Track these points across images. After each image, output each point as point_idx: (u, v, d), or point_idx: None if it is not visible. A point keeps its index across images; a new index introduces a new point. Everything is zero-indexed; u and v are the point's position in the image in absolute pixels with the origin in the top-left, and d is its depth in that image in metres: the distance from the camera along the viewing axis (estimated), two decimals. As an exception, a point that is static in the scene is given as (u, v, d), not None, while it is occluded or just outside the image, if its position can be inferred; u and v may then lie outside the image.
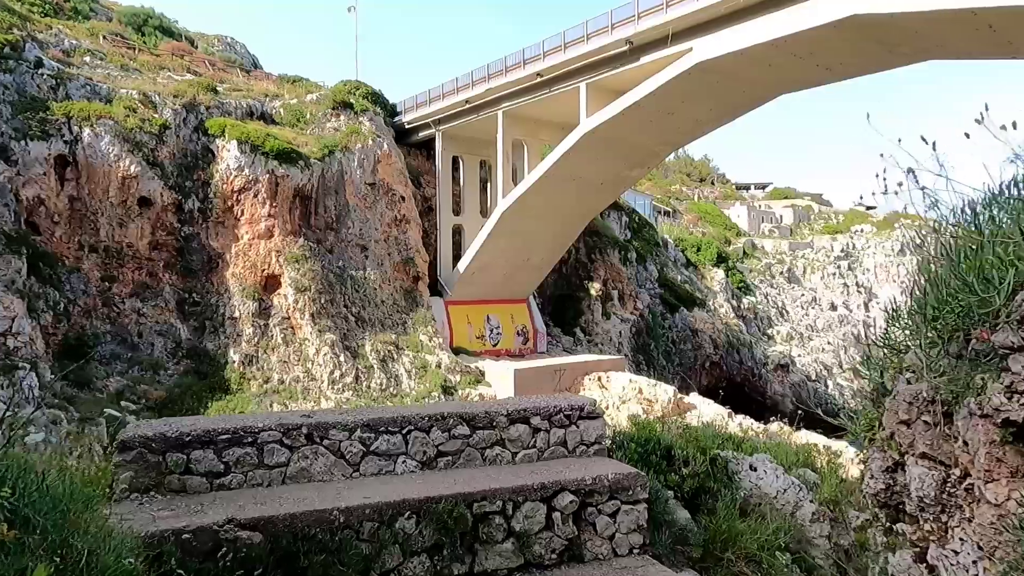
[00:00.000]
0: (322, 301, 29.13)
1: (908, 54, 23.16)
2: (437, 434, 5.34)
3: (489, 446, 5.41)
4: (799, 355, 54.83)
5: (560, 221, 34.78)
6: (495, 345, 35.93)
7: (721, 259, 58.18)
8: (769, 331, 56.75)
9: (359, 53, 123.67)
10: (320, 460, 5.11)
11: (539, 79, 30.01)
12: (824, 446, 6.11)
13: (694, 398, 32.91)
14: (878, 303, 79.78)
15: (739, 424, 22.20)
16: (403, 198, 33.89)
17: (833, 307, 71.20)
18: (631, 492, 4.91)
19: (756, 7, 22.22)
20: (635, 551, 4.80)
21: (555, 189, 32.03)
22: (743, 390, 46.25)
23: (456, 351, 32.71)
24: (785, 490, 5.10)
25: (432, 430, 5.34)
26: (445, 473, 5.23)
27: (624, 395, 30.82)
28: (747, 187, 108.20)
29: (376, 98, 37.30)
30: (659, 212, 69.63)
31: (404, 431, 5.31)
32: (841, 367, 57.94)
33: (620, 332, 39.92)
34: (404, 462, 5.32)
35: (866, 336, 3.18)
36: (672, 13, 24.39)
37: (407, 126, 37.46)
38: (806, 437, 19.03)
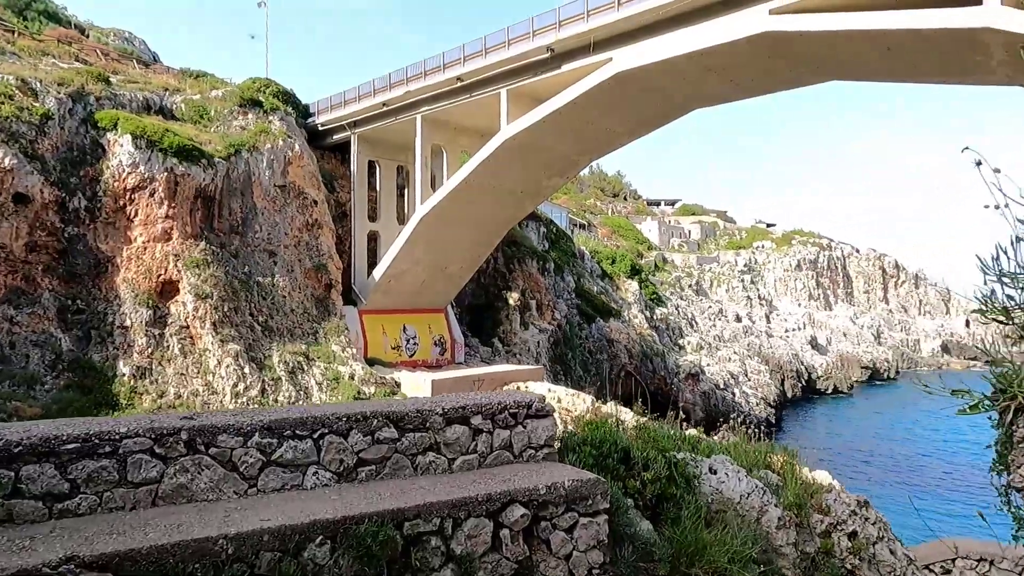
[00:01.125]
0: (225, 309, 27.19)
1: (813, 74, 24.24)
2: (358, 438, 4.50)
3: (422, 452, 4.63)
4: (708, 364, 56.58)
5: (479, 229, 34.28)
6: (411, 356, 34.85)
7: (635, 271, 59.41)
8: (680, 341, 58.34)
9: (270, 53, 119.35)
10: (205, 474, 4.14)
11: (459, 84, 29.49)
12: (778, 445, 5.75)
13: (611, 407, 33.09)
14: (778, 315, 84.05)
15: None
16: (316, 202, 32.38)
17: (738, 318, 74.29)
18: (590, 502, 4.27)
19: (675, 19, 22.62)
20: (595, 572, 4.18)
21: (474, 197, 31.52)
22: (656, 399, 47.11)
23: (371, 362, 31.42)
24: (749, 494, 4.68)
25: (351, 433, 4.50)
26: (368, 486, 4.41)
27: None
28: (658, 203, 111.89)
29: (287, 97, 35.64)
30: (575, 225, 70.56)
31: (316, 435, 4.44)
32: (747, 375, 60.26)
33: (538, 342, 39.72)
34: (316, 474, 4.46)
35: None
36: (593, 22, 24.50)
37: (321, 128, 35.98)
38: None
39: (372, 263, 34.94)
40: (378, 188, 36.54)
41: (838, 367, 79.51)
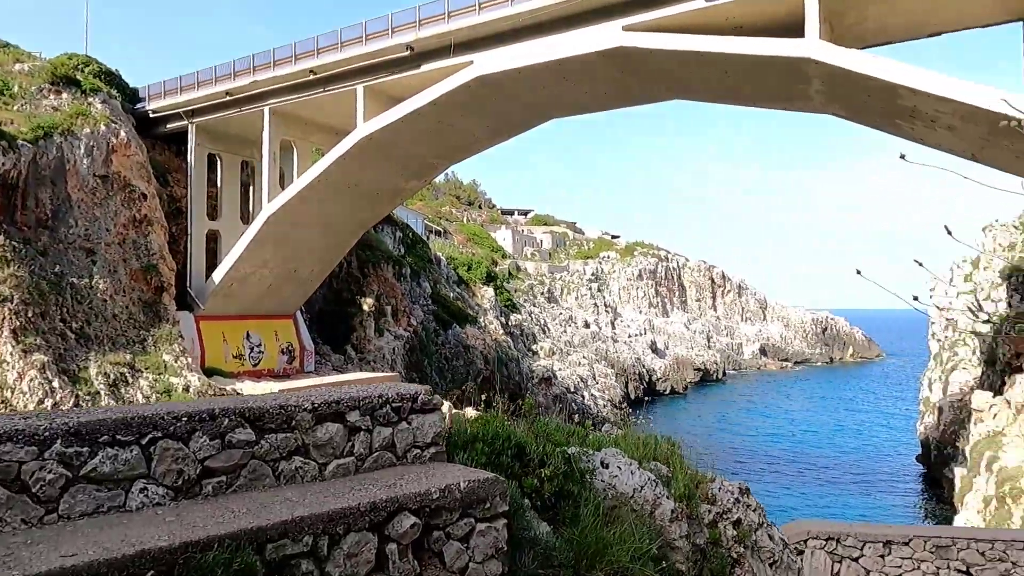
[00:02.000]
0: (29, 314, 23.55)
1: (663, 91, 25.69)
2: (202, 442, 3.65)
3: (286, 456, 3.87)
4: (560, 369, 58.34)
5: (332, 231, 32.71)
6: (256, 365, 32.40)
7: (490, 278, 59.99)
8: (534, 347, 59.65)
9: (91, 29, 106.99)
10: (-22, 499, 3.09)
11: (312, 77, 27.97)
12: (662, 436, 5.67)
13: (469, 412, 32.90)
14: (622, 321, 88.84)
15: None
16: (145, 196, 29.13)
17: (587, 325, 77.54)
18: (488, 505, 3.78)
19: (534, 28, 22.94)
20: (494, 585, 3.64)
21: (327, 196, 30.03)
22: (512, 403, 47.65)
23: (209, 372, 28.75)
24: (642, 487, 4.46)
25: (194, 437, 3.65)
26: (217, 502, 3.60)
27: (399, 413, 29.63)
28: (511, 212, 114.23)
29: (112, 79, 31.89)
30: (431, 231, 70.00)
31: (145, 440, 3.55)
32: (595, 378, 62.89)
33: (394, 349, 38.63)
34: (144, 490, 3.55)
35: None
36: (454, 24, 24.25)
37: (153, 115, 32.57)
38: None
39: (212, 265, 32.11)
40: (219, 184, 33.70)
41: (674, 369, 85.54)
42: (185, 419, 3.64)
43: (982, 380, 35.54)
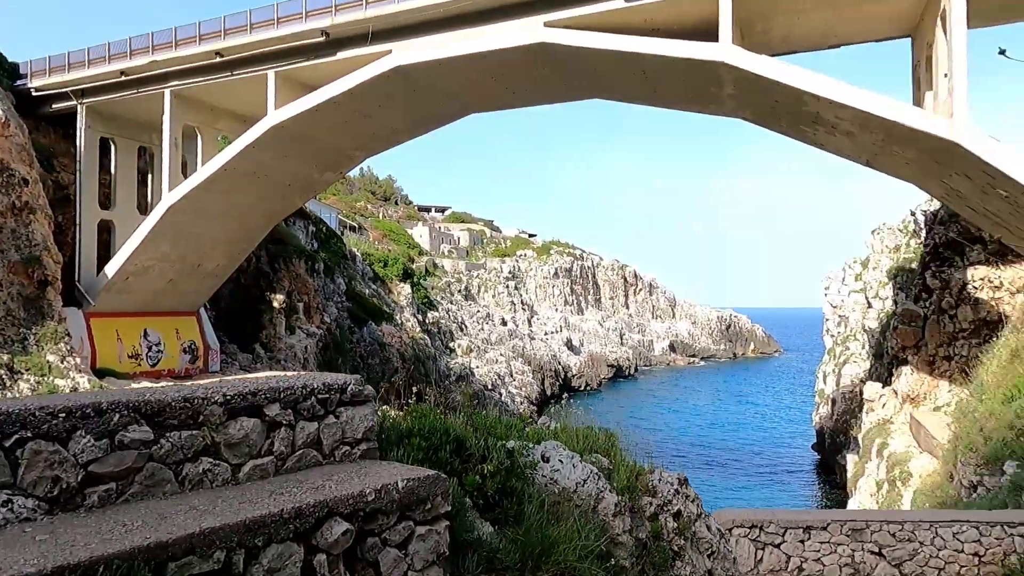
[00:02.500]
0: None
1: (582, 90, 25.89)
2: (85, 443, 3.05)
3: (192, 457, 3.33)
4: (477, 366, 58.16)
5: (240, 223, 31.05)
6: (154, 365, 30.33)
7: (407, 275, 59.00)
8: (451, 344, 59.16)
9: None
10: None
11: (219, 59, 26.39)
12: (600, 428, 5.48)
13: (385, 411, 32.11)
14: (538, 319, 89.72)
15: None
16: (26, 181, 26.57)
17: (504, 322, 77.76)
18: (429, 506, 3.40)
19: (455, 19, 22.55)
20: (435, 595, 3.25)
21: (235, 187, 28.46)
22: (429, 401, 47.02)
23: (101, 373, 26.62)
24: (584, 481, 4.24)
25: (75, 436, 3.06)
26: (105, 515, 3.04)
27: (312, 414, 28.53)
28: (428, 209, 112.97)
29: (-13, 51, 28.95)
30: (345, 226, 68.08)
31: (8, 441, 2.94)
32: (512, 376, 63.12)
33: (306, 347, 37.20)
34: (9, 503, 2.94)
35: None
36: (371, 11, 23.48)
37: (36, 93, 29.83)
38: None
39: (105, 258, 29.75)
40: (113, 170, 31.28)
41: (589, 366, 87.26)
42: (63, 415, 3.02)
43: (871, 372, 38.11)
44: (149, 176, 32.52)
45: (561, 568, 3.42)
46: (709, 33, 19.83)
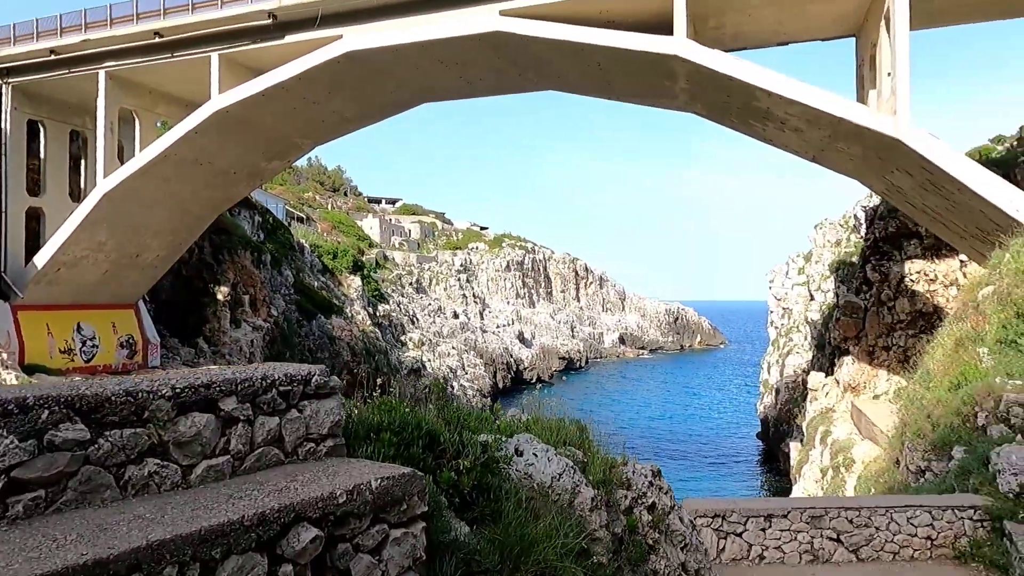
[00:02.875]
0: None
1: (537, 81, 25.71)
2: (7, 444, 2.64)
3: (136, 458, 2.94)
4: (429, 360, 57.65)
5: (181, 212, 29.79)
6: (89, 360, 28.88)
7: (357, 267, 57.92)
8: (403, 338, 58.45)
9: None
10: None
11: (158, 40, 25.16)
12: (571, 419, 5.29)
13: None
14: (490, 312, 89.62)
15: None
16: (-55, 165, 24.88)
17: (455, 315, 77.32)
18: (405, 507, 3.11)
19: (409, 5, 22.07)
20: (413, 606, 2.90)
21: (175, 174, 27.26)
22: (381, 396, 46.29)
23: (30, 370, 25.19)
24: (560, 475, 4.04)
25: None
26: (31, 528, 2.62)
27: (259, 409, 27.68)
28: (378, 201, 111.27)
29: (-100, 24, 26.88)
30: (292, 217, 66.36)
31: None
32: (464, 369, 62.82)
33: (252, 341, 36.06)
34: None
35: None
36: (322, -7, 22.76)
37: (-46, 71, 27.87)
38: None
39: (34, 247, 28.10)
40: (43, 155, 29.55)
41: (541, 359, 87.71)
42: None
43: (813, 363, 39.36)
44: (82, 162, 30.87)
45: (541, 568, 3.23)
46: (664, 27, 19.94)
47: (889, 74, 18.79)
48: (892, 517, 6.98)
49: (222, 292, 36.12)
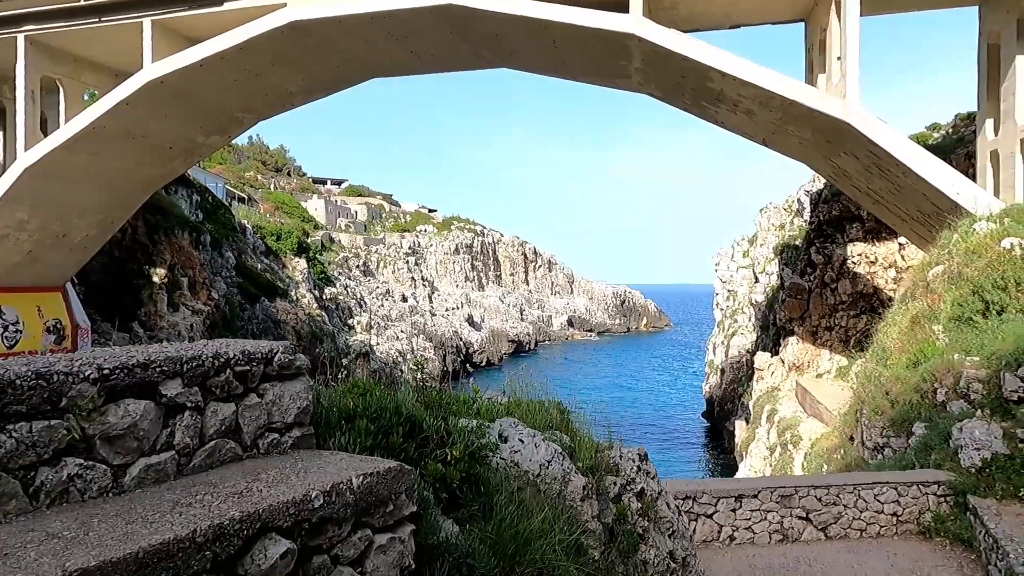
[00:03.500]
0: None
1: (489, 58, 25.11)
2: None
3: (50, 459, 2.31)
4: (377, 344, 56.69)
5: (112, 190, 28.05)
6: (11, 347, 27.03)
7: (302, 249, 56.28)
8: (350, 321, 57.25)
9: None
10: None
11: (84, 2, 23.40)
12: (548, 401, 4.91)
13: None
14: (439, 295, 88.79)
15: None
16: None
17: (404, 299, 76.23)
18: (391, 507, 2.59)
19: (357, -27, 21.07)
20: (398, 623, 2.32)
21: (106, 148, 25.56)
22: (327, 381, 45.21)
23: (-56, 357, 23.37)
24: (549, 462, 3.63)
25: None
26: None
27: (200, 396, 26.48)
28: (323, 181, 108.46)
29: None
30: (233, 197, 63.91)
31: None
32: (413, 353, 62.06)
33: (191, 325, 34.55)
34: None
35: None
36: (264, -42, 21.55)
37: None
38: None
39: (-54, 225, 26.00)
40: (-45, 126, 27.31)
41: (490, 342, 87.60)
42: None
43: (758, 343, 40.33)
44: (1, 134, 28.66)
45: (538, 568, 2.87)
46: (620, 5, 19.67)
47: (839, 58, 19.05)
48: (859, 494, 6.94)
49: (158, 274, 34.41)
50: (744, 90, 19.74)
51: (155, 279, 34.12)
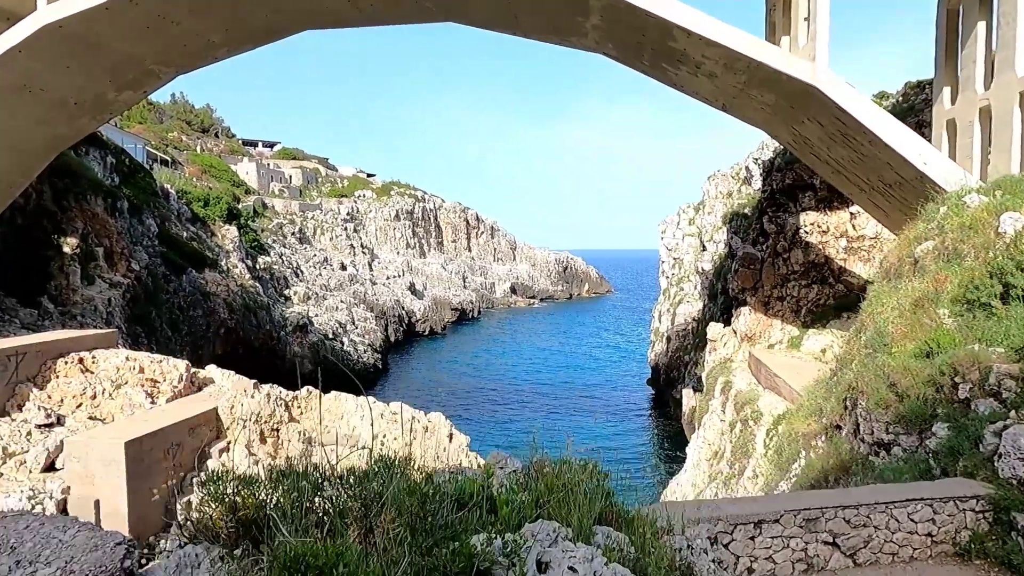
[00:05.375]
0: None
1: (434, 11, 23.17)
2: None
3: None
4: (316, 315, 54.34)
5: (9, 150, 25.00)
6: None
7: (232, 216, 52.93)
8: (287, 292, 54.58)
9: None
10: None
11: (-39, -70, 20.19)
12: (581, 462, 3.35)
13: (212, 371, 28.22)
14: (379, 263, 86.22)
15: (268, 395, 18.88)
16: None
17: (343, 267, 73.48)
18: None
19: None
20: None
21: (-1, 102, 22.57)
22: (261, 355, 42.92)
23: None
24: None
25: None
26: None
27: (119, 377, 24.10)
28: (254, 144, 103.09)
29: None
30: (155, 159, 59.44)
31: None
32: (354, 323, 59.95)
33: (109, 299, 31.72)
34: None
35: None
36: None
37: None
38: (337, 398, 17.06)
39: None
40: None
41: (433, 310, 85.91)
42: None
43: (705, 312, 40.28)
44: None
45: None
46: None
47: (806, 19, 18.19)
48: (892, 514, 6.08)
49: (69, 244, 31.31)
50: (709, 51, 18.66)
51: (66, 249, 31.03)
